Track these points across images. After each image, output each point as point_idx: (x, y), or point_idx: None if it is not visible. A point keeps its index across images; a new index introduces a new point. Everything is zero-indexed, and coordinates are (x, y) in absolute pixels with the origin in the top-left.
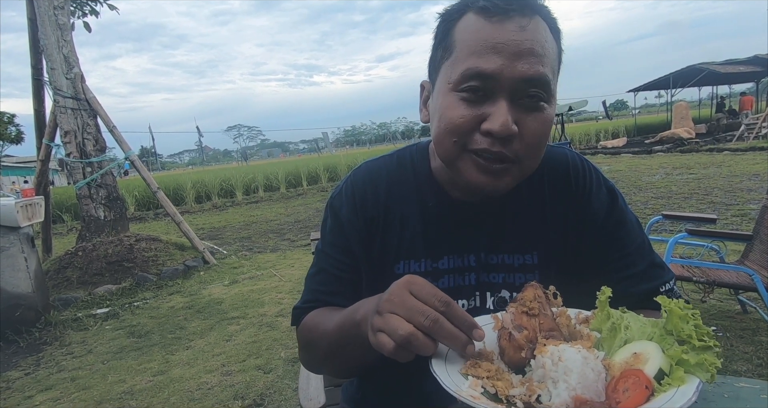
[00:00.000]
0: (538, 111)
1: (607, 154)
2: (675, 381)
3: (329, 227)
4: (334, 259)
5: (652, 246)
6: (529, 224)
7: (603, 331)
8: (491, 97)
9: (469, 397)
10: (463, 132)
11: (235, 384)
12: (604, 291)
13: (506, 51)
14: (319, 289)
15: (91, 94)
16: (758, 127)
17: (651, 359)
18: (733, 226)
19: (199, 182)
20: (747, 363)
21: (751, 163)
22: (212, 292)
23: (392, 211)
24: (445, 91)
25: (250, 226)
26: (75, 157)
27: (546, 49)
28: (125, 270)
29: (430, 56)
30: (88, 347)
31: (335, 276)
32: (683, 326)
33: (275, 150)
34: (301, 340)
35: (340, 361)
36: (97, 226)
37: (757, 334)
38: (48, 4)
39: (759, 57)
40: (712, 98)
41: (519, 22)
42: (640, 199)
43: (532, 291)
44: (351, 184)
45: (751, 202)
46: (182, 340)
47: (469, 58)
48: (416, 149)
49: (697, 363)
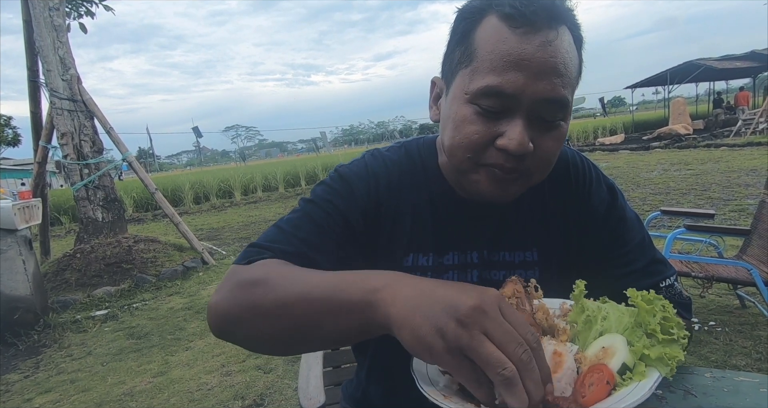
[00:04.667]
0: (554, 130)
1: (605, 151)
2: (636, 376)
3: (331, 187)
4: (325, 212)
5: (652, 242)
6: (529, 221)
7: (579, 323)
8: (509, 113)
9: (440, 396)
10: (478, 148)
11: (235, 384)
12: (578, 284)
13: (529, 69)
14: (299, 235)
15: (87, 96)
16: (755, 122)
17: (617, 354)
18: (731, 222)
19: (198, 183)
20: (746, 357)
21: (749, 159)
22: (211, 292)
23: (404, 201)
24: (460, 100)
25: (249, 226)
26: (72, 158)
27: (568, 67)
28: (124, 271)
29: (446, 53)
30: (88, 349)
31: (322, 228)
32: (649, 320)
33: (273, 150)
34: (246, 283)
35: (301, 338)
36: (95, 228)
37: (756, 329)
38: (43, 6)
39: (756, 53)
40: (709, 94)
41: (545, 36)
42: (639, 195)
43: (511, 286)
44: (365, 163)
45: (749, 197)
46: (182, 341)
47: (490, 74)
48: (423, 143)
49: (657, 357)
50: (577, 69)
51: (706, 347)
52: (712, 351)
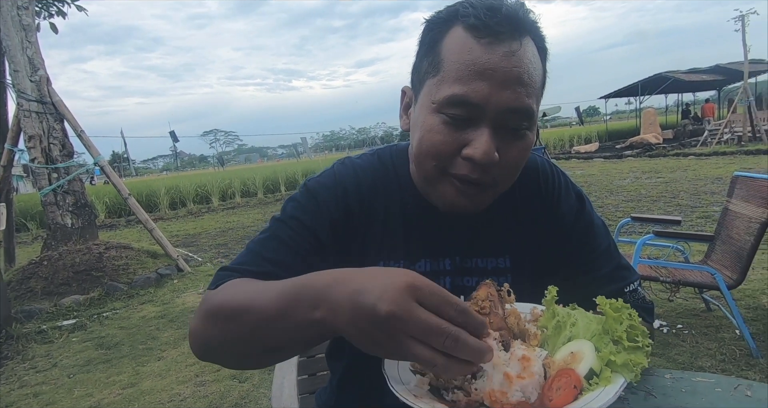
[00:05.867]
0: (520, 139)
1: (581, 159)
2: (603, 381)
3: (299, 203)
4: (293, 231)
5: (618, 248)
6: (501, 228)
7: (549, 328)
8: (475, 123)
9: (411, 395)
10: (444, 156)
11: (209, 394)
12: (551, 290)
13: (494, 78)
14: (265, 256)
15: (57, 98)
16: (720, 133)
17: (584, 359)
18: (697, 228)
19: (174, 188)
20: (711, 359)
21: (714, 167)
22: (186, 300)
23: (375, 209)
24: (428, 110)
25: (227, 232)
26: (40, 162)
27: (532, 77)
28: (94, 279)
29: (415, 64)
30: (53, 361)
31: (289, 246)
32: (616, 327)
33: (253, 155)
34: (217, 307)
35: (261, 344)
36: (63, 235)
37: (720, 331)
38: (11, 4)
39: (720, 66)
40: (677, 105)
41: (509, 46)
42: (612, 202)
43: (485, 289)
44: (334, 173)
45: (714, 204)
46: (154, 351)
47: (456, 84)
48: (395, 151)
49: (623, 364)
50: (542, 79)
51: (674, 349)
52: (679, 353)
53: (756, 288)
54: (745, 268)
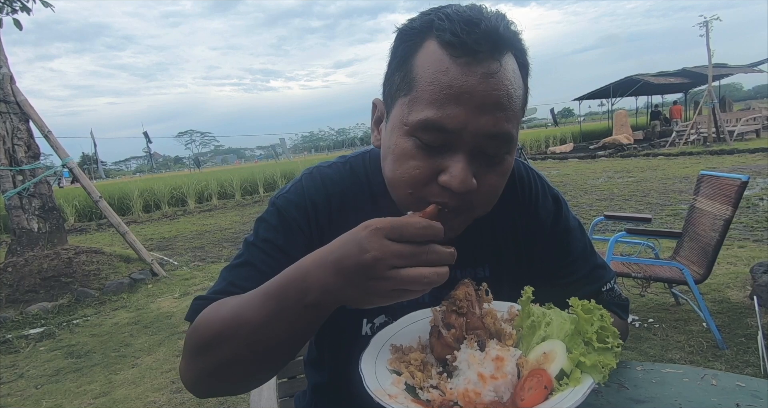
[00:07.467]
0: (499, 164)
1: (556, 159)
2: (572, 381)
3: (269, 224)
4: (266, 255)
5: (594, 248)
6: (480, 238)
7: (524, 328)
8: (450, 148)
9: (386, 395)
10: (419, 184)
11: (186, 401)
12: (527, 290)
13: (471, 103)
14: (239, 284)
15: (22, 97)
16: (687, 134)
17: (556, 359)
18: (667, 225)
19: (148, 190)
20: (680, 351)
21: (682, 167)
22: (161, 305)
23: (349, 222)
24: (400, 131)
25: (203, 235)
26: (3, 164)
27: (512, 99)
28: (63, 285)
29: (387, 74)
30: (19, 371)
31: (263, 272)
32: (587, 328)
33: (230, 156)
34: (201, 337)
35: (264, 354)
36: (29, 239)
37: (689, 324)
38: None
39: (686, 70)
40: (647, 107)
41: (488, 67)
42: (586, 201)
43: (464, 289)
44: (302, 187)
45: (683, 202)
46: (127, 359)
47: (429, 107)
48: (369, 158)
49: (592, 365)
50: (522, 99)
51: (646, 343)
52: (650, 346)
53: (721, 282)
54: (711, 263)
